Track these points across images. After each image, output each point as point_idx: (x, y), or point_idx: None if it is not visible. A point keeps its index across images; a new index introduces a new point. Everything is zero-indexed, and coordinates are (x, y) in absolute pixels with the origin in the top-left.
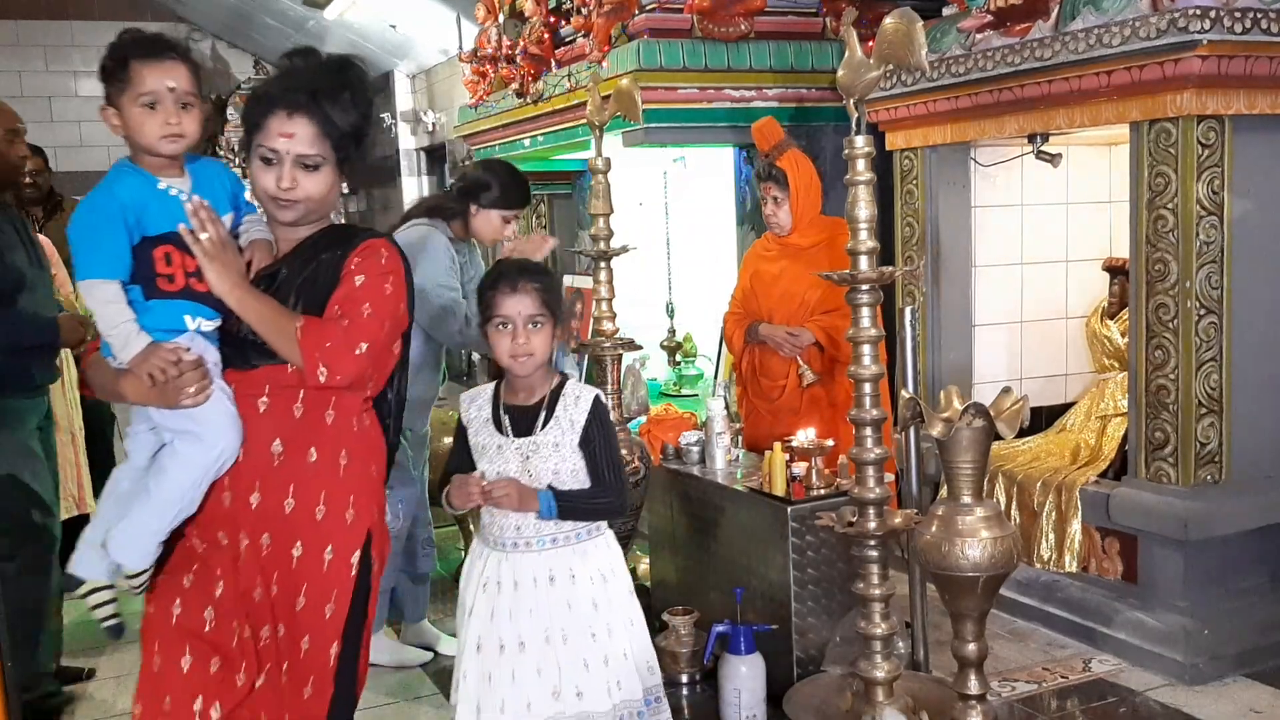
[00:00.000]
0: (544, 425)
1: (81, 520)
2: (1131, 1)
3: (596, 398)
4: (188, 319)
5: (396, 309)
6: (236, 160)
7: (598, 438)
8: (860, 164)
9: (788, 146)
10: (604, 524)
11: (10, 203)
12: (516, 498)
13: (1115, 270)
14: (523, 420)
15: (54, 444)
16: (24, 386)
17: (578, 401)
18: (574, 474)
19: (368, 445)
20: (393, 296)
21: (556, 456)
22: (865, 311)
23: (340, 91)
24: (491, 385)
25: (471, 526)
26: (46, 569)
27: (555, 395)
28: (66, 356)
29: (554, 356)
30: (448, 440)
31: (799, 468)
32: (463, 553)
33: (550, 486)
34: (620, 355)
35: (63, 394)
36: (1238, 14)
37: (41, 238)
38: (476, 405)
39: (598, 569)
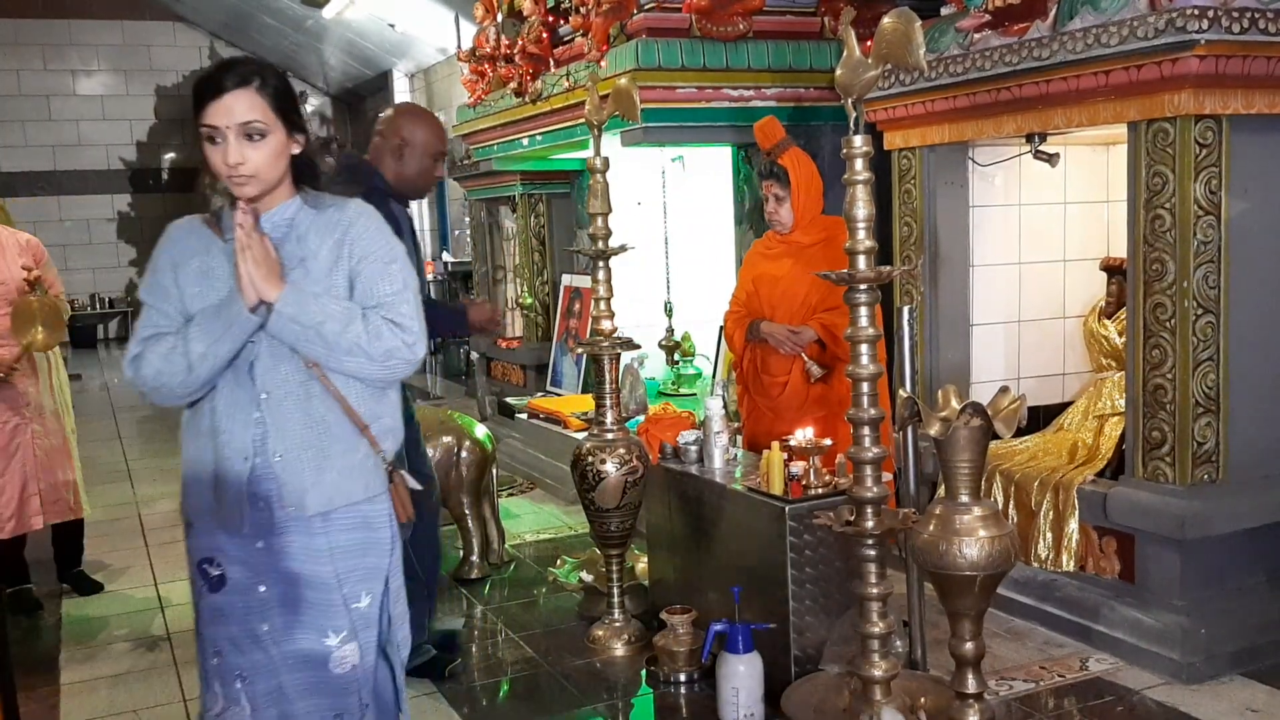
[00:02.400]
0: None
1: (75, 525)
2: (1129, 1)
3: None
4: None
5: None
6: None
7: None
8: (858, 163)
9: (788, 145)
10: None
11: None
12: None
13: (1113, 270)
14: None
15: (416, 420)
16: None
17: None
18: None
19: None
20: None
21: None
22: (863, 311)
23: None
24: None
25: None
26: (433, 541)
27: None
28: (55, 356)
29: None
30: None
31: (797, 467)
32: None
33: None
34: (618, 354)
35: (50, 394)
36: (1235, 14)
37: (31, 238)
38: None
39: None
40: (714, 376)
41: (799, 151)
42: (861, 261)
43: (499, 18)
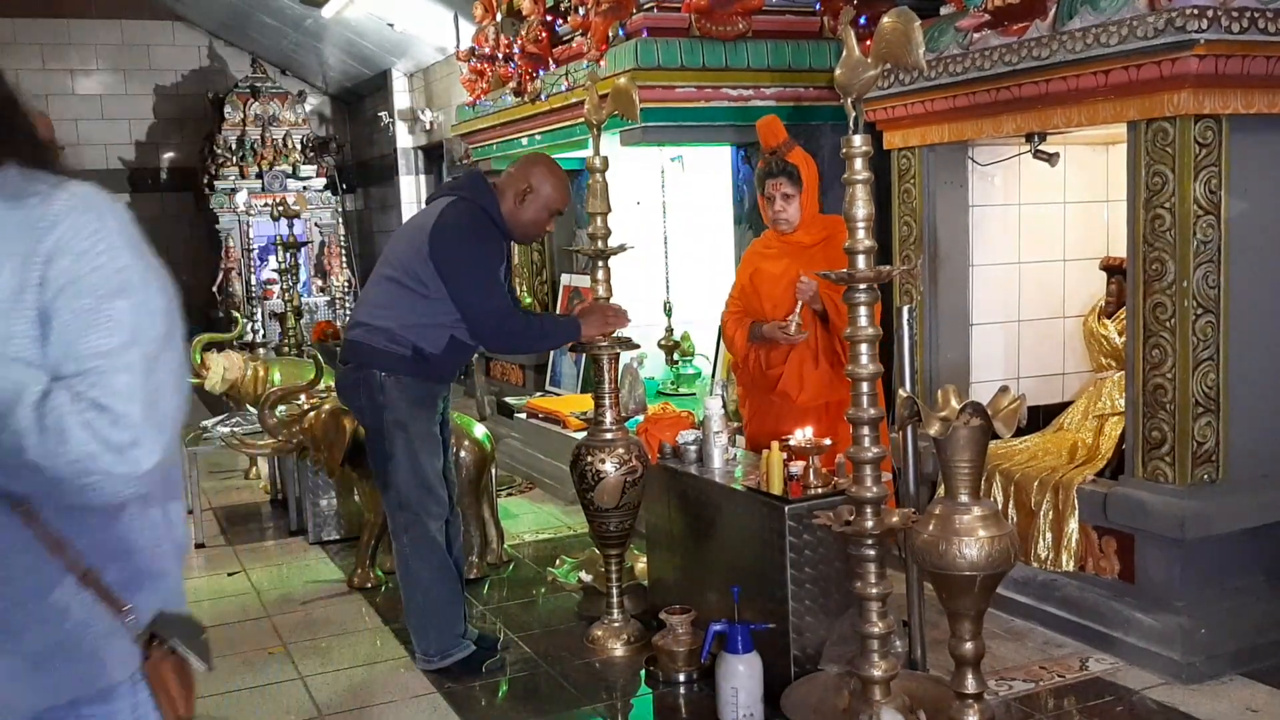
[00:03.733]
0: None
1: None
2: (1129, 1)
3: None
4: None
5: None
6: (234, 160)
7: None
8: (858, 163)
9: (794, 143)
10: None
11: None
12: None
13: (1112, 269)
14: None
15: (449, 428)
16: (452, 374)
17: None
18: None
19: None
20: None
21: None
22: (863, 310)
23: None
24: None
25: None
26: (436, 542)
27: None
28: None
29: None
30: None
31: (796, 467)
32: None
33: None
34: (618, 354)
35: None
36: (1235, 13)
37: None
38: None
39: None
40: (713, 376)
41: (802, 149)
42: (861, 261)
43: (498, 17)
